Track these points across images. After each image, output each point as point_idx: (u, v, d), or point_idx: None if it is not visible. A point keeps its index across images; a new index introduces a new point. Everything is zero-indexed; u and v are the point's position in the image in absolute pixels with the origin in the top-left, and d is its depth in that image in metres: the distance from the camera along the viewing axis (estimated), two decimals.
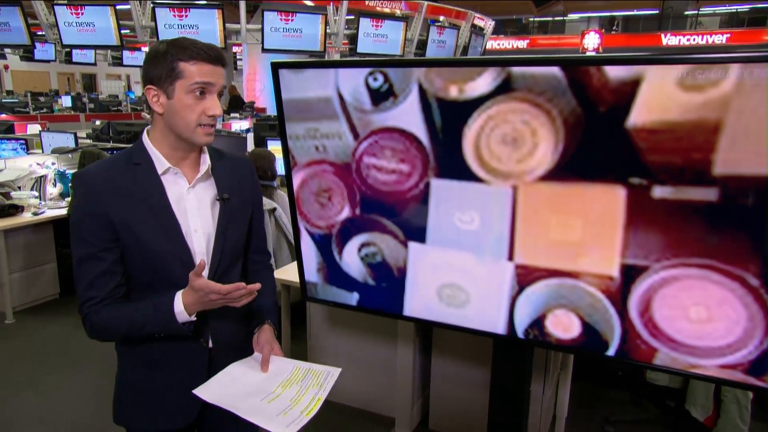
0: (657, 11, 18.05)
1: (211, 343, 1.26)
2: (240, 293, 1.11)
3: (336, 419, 2.55)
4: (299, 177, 1.43)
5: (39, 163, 4.17)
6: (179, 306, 1.13)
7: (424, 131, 1.23)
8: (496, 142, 1.16)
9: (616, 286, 1.15)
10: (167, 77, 1.11)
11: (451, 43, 9.60)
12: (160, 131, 1.17)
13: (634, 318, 1.16)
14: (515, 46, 19.22)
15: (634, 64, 1.01)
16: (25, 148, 4.95)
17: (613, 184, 1.09)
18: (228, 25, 7.23)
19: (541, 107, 1.10)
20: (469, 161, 1.20)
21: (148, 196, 1.16)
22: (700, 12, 18.32)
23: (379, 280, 1.41)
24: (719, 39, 16.50)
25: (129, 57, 12.72)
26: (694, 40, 16.78)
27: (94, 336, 1.18)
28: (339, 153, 1.34)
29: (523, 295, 1.25)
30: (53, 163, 4.27)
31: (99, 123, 7.24)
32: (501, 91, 1.12)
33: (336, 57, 8.46)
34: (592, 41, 17.10)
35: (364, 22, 8.13)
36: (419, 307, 1.39)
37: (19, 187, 3.97)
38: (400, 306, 1.41)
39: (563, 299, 1.21)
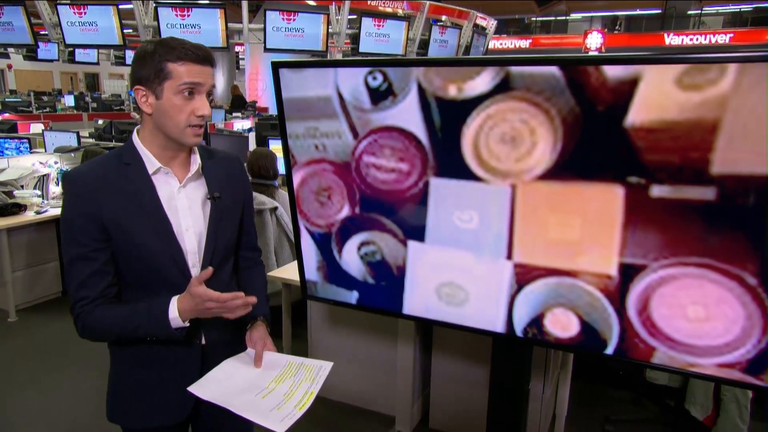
0: (660, 11, 18.00)
1: (204, 340, 1.26)
2: (236, 303, 1.12)
3: (336, 417, 2.55)
4: (299, 176, 1.43)
5: (42, 162, 4.18)
6: (174, 312, 1.13)
7: (423, 130, 1.23)
8: (494, 141, 1.17)
9: (614, 285, 1.15)
10: (155, 78, 1.10)
11: (454, 43, 9.60)
12: (149, 131, 1.17)
13: (632, 317, 1.16)
14: (518, 45, 19.15)
15: (631, 63, 1.01)
16: (28, 147, 4.97)
17: (612, 183, 1.09)
18: (230, 25, 7.24)
19: (540, 106, 1.10)
20: (468, 160, 1.20)
21: (139, 195, 1.15)
22: (703, 12, 18.26)
23: (379, 278, 1.42)
24: (722, 39, 16.42)
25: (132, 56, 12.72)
26: (697, 39, 16.71)
27: (85, 336, 1.17)
28: (338, 152, 1.35)
29: (522, 294, 1.25)
30: (56, 162, 4.28)
31: (101, 122, 7.27)
32: (500, 91, 1.13)
33: (338, 57, 8.47)
34: (594, 41, 17.04)
35: (366, 21, 8.13)
36: (418, 306, 1.40)
37: (22, 186, 3.98)
38: (399, 304, 1.42)
39: (562, 298, 1.22)
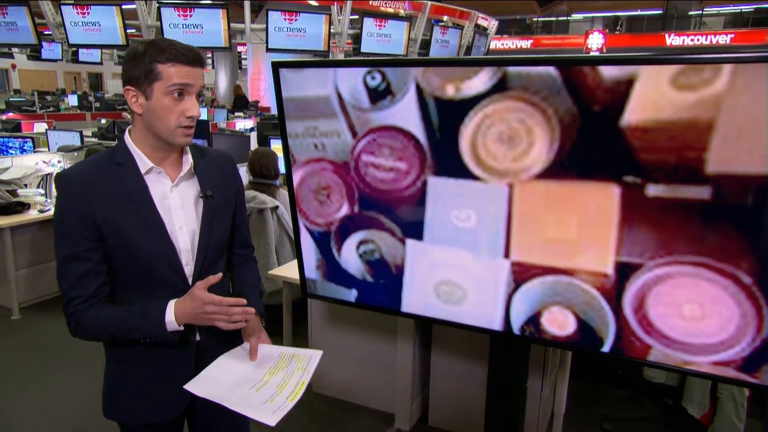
0: (661, 11, 17.97)
1: (199, 337, 1.27)
2: (236, 310, 1.14)
3: (336, 415, 2.57)
4: (299, 175, 1.45)
5: (45, 161, 4.20)
6: (170, 316, 1.14)
7: (421, 130, 1.24)
8: (492, 140, 1.18)
9: (610, 283, 1.16)
10: (146, 78, 1.11)
11: (455, 43, 9.60)
12: (140, 131, 1.17)
13: (628, 315, 1.17)
14: (519, 46, 19.13)
15: (627, 64, 1.02)
16: (32, 146, 4.99)
17: (608, 182, 1.10)
18: (232, 25, 7.26)
19: (537, 106, 1.11)
20: (466, 159, 1.22)
21: (132, 195, 1.16)
22: (704, 12, 18.22)
23: (377, 277, 1.43)
24: (723, 39, 16.37)
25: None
26: (698, 40, 16.67)
27: (78, 335, 1.17)
28: (338, 151, 1.36)
29: (519, 292, 1.26)
30: (59, 161, 4.30)
31: (105, 122, 7.30)
32: (497, 90, 1.14)
33: (340, 57, 8.47)
34: (595, 41, 17.02)
35: (367, 21, 8.14)
36: (417, 304, 1.41)
37: (26, 185, 4.00)
38: (398, 302, 1.43)
39: (558, 296, 1.23)
